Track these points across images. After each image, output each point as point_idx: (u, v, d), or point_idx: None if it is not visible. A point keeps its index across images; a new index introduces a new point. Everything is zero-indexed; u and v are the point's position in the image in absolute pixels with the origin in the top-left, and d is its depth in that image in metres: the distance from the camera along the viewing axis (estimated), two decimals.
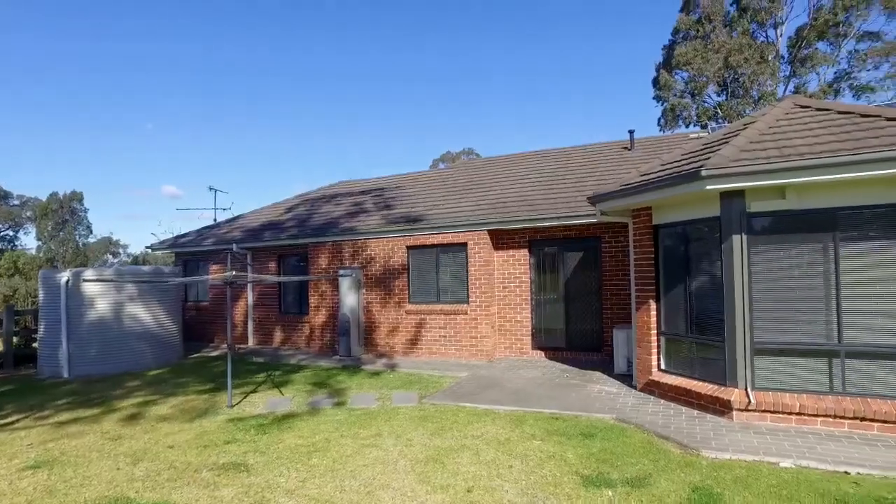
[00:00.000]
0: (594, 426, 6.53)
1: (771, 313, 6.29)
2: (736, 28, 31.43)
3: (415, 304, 11.85)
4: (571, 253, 10.88)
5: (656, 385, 7.52)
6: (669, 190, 6.59)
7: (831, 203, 5.96)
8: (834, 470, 5.02)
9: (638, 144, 13.23)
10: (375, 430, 6.76)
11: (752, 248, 6.29)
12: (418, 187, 14.68)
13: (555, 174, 12.71)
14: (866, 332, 5.90)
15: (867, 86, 29.16)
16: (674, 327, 7.45)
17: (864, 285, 5.92)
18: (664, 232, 7.55)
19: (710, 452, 5.50)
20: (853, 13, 28.45)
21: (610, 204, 7.80)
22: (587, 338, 10.72)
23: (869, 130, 5.89)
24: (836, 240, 5.97)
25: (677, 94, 32.67)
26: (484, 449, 5.92)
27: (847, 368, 5.98)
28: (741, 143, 6.38)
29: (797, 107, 7.26)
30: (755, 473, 5.01)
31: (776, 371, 6.31)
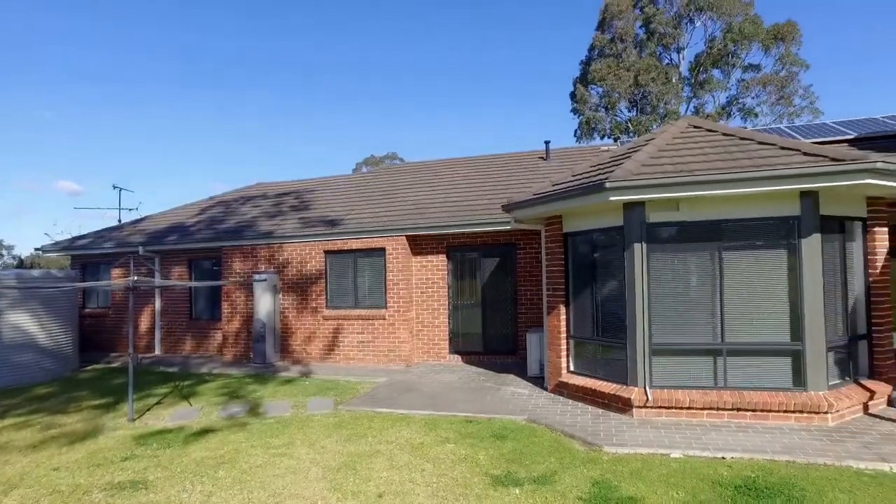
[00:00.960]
0: (506, 428, 6.75)
1: (667, 316, 6.80)
2: (645, 49, 33.65)
3: (332, 309, 11.69)
4: (488, 259, 11.18)
5: (565, 386, 7.88)
6: (577, 200, 6.97)
7: (717, 215, 6.55)
8: (714, 456, 5.52)
9: (553, 155, 13.83)
10: (288, 438, 6.61)
11: (651, 255, 6.79)
12: (338, 191, 14.51)
13: (473, 181, 13.01)
14: (743, 331, 6.54)
15: (752, 110, 32.21)
16: (582, 330, 7.85)
17: (742, 289, 6.55)
18: (573, 240, 7.95)
19: (612, 448, 5.85)
20: (739, 46, 31.38)
21: (523, 212, 8.12)
22: (503, 342, 11.04)
23: (745, 152, 6.54)
24: (720, 249, 6.58)
25: (592, 108, 34.43)
26: (398, 454, 5.96)
27: (728, 365, 6.59)
28: (642, 158, 6.86)
29: (691, 127, 7.91)
30: (649, 465, 5.39)
31: (671, 370, 6.82)
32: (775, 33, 31.25)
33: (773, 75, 31.79)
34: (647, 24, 33.70)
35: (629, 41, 33.71)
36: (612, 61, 33.04)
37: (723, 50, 31.77)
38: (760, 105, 32.27)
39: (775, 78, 31.64)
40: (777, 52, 31.72)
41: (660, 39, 33.42)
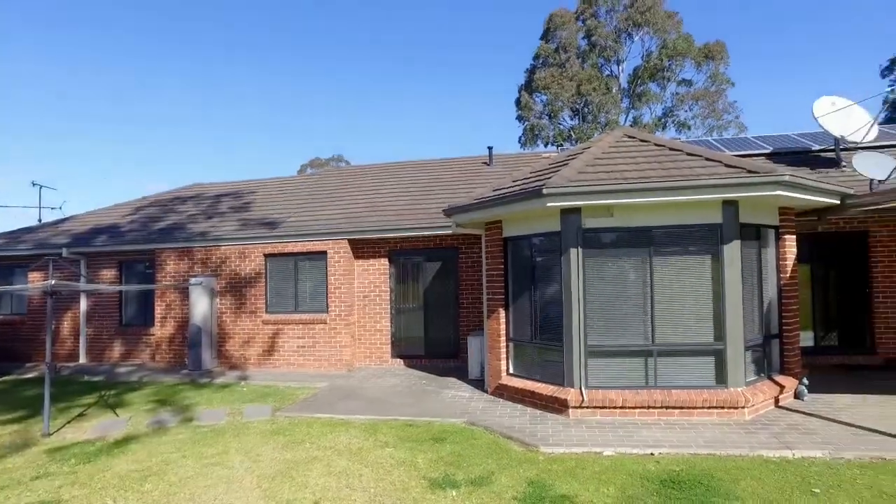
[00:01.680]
0: (446, 431, 6.79)
1: (602, 319, 7.05)
2: (587, 60, 34.81)
3: (272, 313, 11.41)
4: (431, 263, 11.23)
5: (505, 388, 8.02)
6: (517, 205, 7.13)
7: (648, 222, 6.87)
8: (643, 453, 5.77)
9: (497, 160, 14.07)
10: (222, 447, 6.40)
11: (587, 260, 7.02)
12: (280, 193, 14.19)
13: (417, 185, 13.05)
14: (672, 333, 6.88)
15: (685, 123, 33.96)
16: (521, 333, 8.02)
17: (671, 293, 6.89)
18: (513, 244, 8.12)
19: (548, 448, 6.00)
20: (673, 62, 33.05)
21: (464, 217, 8.23)
22: (445, 345, 11.11)
23: (674, 162, 6.90)
24: (651, 254, 6.90)
25: (537, 115, 35.26)
26: (336, 459, 5.89)
27: (658, 365, 6.90)
28: (578, 166, 7.10)
29: (626, 137, 8.25)
30: (582, 463, 5.57)
31: (606, 371, 7.06)
32: (706, 52, 33.08)
33: (704, 91, 33.62)
34: (589, 35, 34.89)
35: (572, 52, 34.79)
36: (555, 70, 33.97)
37: (658, 64, 33.32)
38: (693, 118, 34.06)
39: (706, 93, 33.48)
40: (708, 69, 33.59)
41: (601, 52, 34.68)
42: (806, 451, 5.63)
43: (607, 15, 34.98)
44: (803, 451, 5.63)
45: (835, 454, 5.55)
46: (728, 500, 4.64)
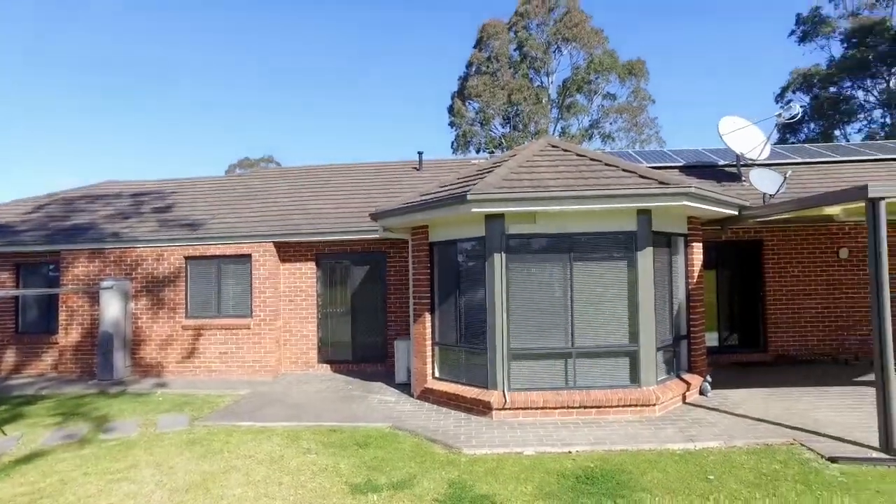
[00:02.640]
0: (370, 435, 6.76)
1: (525, 323, 7.27)
2: (518, 71, 35.75)
3: (193, 318, 10.91)
4: (359, 267, 11.15)
5: (431, 392, 8.09)
6: (442, 210, 7.24)
7: (569, 229, 7.17)
8: (562, 451, 6.00)
9: (427, 166, 14.17)
10: (131, 461, 6.05)
11: (510, 265, 7.23)
12: (204, 193, 13.59)
13: (346, 189, 12.91)
14: (589, 335, 7.20)
15: (610, 135, 35.63)
16: (447, 337, 8.12)
17: (589, 297, 7.22)
18: (439, 249, 8.22)
19: (470, 450, 6.11)
20: (599, 76, 34.64)
21: (391, 221, 8.24)
22: (373, 350, 11.04)
23: (593, 172, 7.25)
24: (571, 259, 7.20)
25: (469, 122, 35.79)
26: (255, 468, 5.72)
27: (577, 367, 7.21)
28: (503, 173, 7.30)
29: (549, 146, 8.56)
30: (503, 463, 5.72)
31: (528, 373, 7.29)
32: (629, 68, 34.88)
33: (627, 105, 35.40)
34: (520, 46, 35.88)
35: (504, 61, 35.62)
36: (488, 79, 34.66)
37: (586, 78, 34.76)
38: (617, 131, 35.77)
39: (629, 107, 35.27)
40: (630, 84, 35.41)
41: (532, 63, 35.74)
42: (706, 442, 6.07)
43: (538, 28, 36.15)
44: (703, 442, 6.06)
45: (729, 443, 6.03)
46: (635, 492, 4.92)
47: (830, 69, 32.60)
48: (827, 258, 10.66)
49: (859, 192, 5.63)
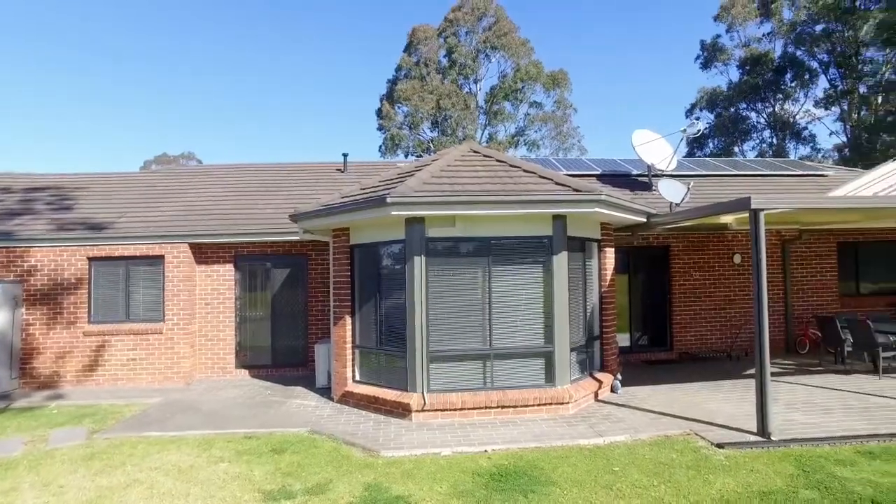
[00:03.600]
0: (287, 441, 6.61)
1: (444, 325, 7.37)
2: (447, 76, 36.16)
3: (97, 323, 10.19)
4: (279, 270, 10.87)
5: (351, 395, 8.02)
6: (362, 213, 7.22)
7: (487, 233, 7.36)
8: (478, 451, 6.13)
9: (352, 167, 14.04)
10: (10, 483, 5.53)
11: (430, 268, 7.31)
12: (113, 190, 12.72)
13: (268, 189, 12.55)
14: (507, 337, 7.42)
15: (535, 142, 36.86)
16: (367, 340, 8.09)
17: (507, 299, 7.44)
18: (360, 252, 8.19)
19: (389, 452, 6.12)
20: (526, 85, 35.75)
21: (311, 223, 8.12)
22: (293, 354, 10.80)
23: (512, 178, 7.49)
24: (489, 263, 7.39)
25: (398, 126, 35.79)
26: (161, 481, 5.44)
27: (495, 368, 7.40)
28: (424, 177, 7.38)
29: (472, 151, 8.75)
30: (420, 465, 5.77)
31: (447, 374, 7.39)
32: (553, 78, 36.21)
33: (551, 114, 36.73)
34: (450, 53, 36.33)
35: (433, 66, 35.94)
36: (417, 83, 34.82)
37: (513, 86, 35.73)
38: (542, 139, 37.02)
39: (553, 116, 36.61)
40: (555, 94, 36.78)
41: (461, 69, 36.27)
42: (614, 437, 6.41)
43: (467, 36, 36.77)
44: (611, 437, 6.41)
45: (634, 437, 6.41)
46: (546, 486, 5.13)
47: (730, 92, 35.43)
48: (723, 263, 11.58)
49: (743, 204, 6.19)
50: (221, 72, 79.53)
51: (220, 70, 79.59)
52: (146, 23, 76.71)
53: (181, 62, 79.96)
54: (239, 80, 79.56)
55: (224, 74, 79.88)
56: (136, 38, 77.86)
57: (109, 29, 76.41)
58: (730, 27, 35.66)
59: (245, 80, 79.43)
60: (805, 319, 11.65)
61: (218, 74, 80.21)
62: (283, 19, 72.41)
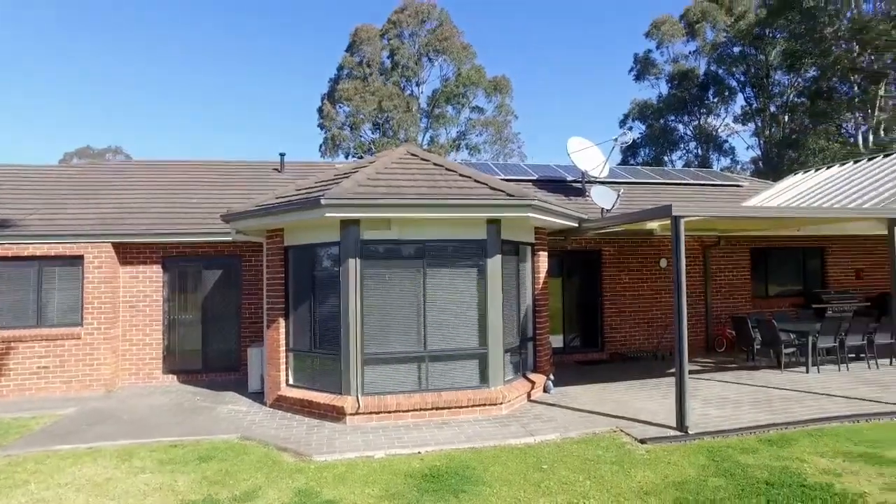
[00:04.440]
0: (215, 448, 6.39)
1: (379, 327, 7.36)
2: (390, 78, 36.06)
3: (1, 329, 9.44)
4: (211, 271, 10.48)
5: (284, 399, 7.85)
6: (296, 214, 7.11)
7: (423, 236, 7.41)
8: (412, 452, 6.16)
9: (289, 167, 13.73)
10: None
11: (365, 270, 7.28)
12: (23, 184, 11.83)
13: (200, 187, 12.08)
14: (442, 339, 7.50)
15: (476, 147, 37.36)
16: (301, 343, 7.95)
17: (442, 302, 7.51)
18: (294, 253, 8.04)
19: (321, 456, 6.04)
20: (467, 90, 36.20)
21: (244, 223, 7.91)
22: (225, 358, 10.44)
23: (448, 182, 7.58)
24: (424, 265, 7.44)
25: (339, 126, 35.32)
26: (71, 497, 5.13)
27: (430, 370, 7.45)
28: (360, 179, 7.35)
29: (409, 154, 8.78)
30: (353, 468, 5.73)
31: (382, 377, 7.38)
32: (495, 84, 36.85)
33: (493, 119, 37.35)
34: (392, 54, 36.26)
35: (376, 67, 35.75)
36: (359, 83, 34.52)
37: (455, 90, 36.07)
38: (483, 143, 37.57)
39: (494, 122, 37.24)
40: (496, 100, 37.43)
41: (403, 71, 36.27)
42: (544, 435, 6.60)
43: (410, 38, 36.82)
44: (542, 436, 6.59)
45: (564, 435, 6.63)
46: (477, 486, 5.22)
47: (660, 104, 37.34)
48: (651, 267, 12.17)
49: (665, 211, 6.56)
50: (155, 63, 75.78)
51: (154, 61, 75.81)
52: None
53: (108, 50, 75.57)
54: (174, 72, 76.08)
55: (157, 66, 76.15)
56: (65, 20, 72.91)
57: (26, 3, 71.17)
58: (659, 44, 37.55)
59: (180, 72, 76.04)
60: (722, 320, 12.42)
61: (151, 65, 76.38)
62: (221, 11, 69.87)
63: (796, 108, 31.06)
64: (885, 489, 4.95)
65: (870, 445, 6.05)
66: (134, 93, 78.29)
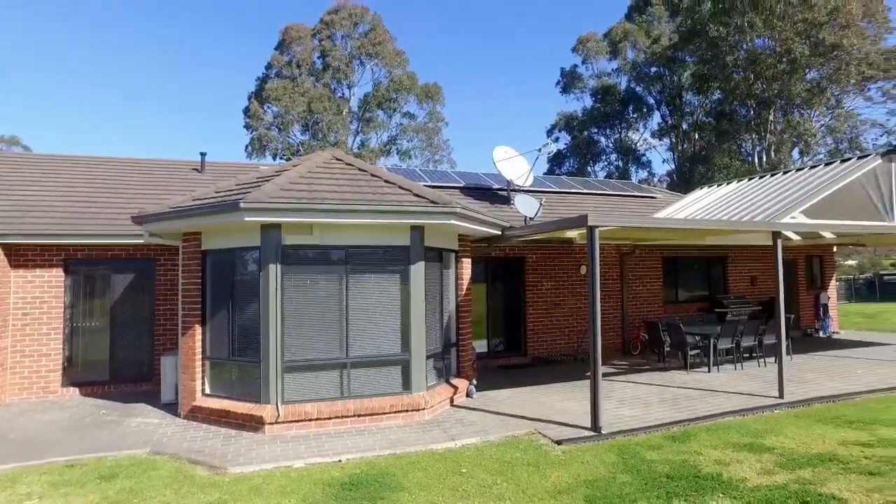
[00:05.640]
0: (120, 466, 6.01)
1: (300, 334, 7.21)
2: (321, 79, 35.45)
3: None
4: (122, 275, 9.86)
5: (200, 410, 7.52)
6: (214, 217, 6.85)
7: (345, 241, 7.35)
8: (332, 461, 6.08)
9: (211, 168, 13.18)
10: None
11: (286, 276, 7.12)
12: None
13: (111, 186, 11.35)
14: (364, 345, 7.46)
15: (407, 152, 37.46)
16: (219, 351, 7.65)
17: (364, 308, 7.47)
18: (212, 257, 7.74)
19: (237, 468, 5.84)
20: (399, 95, 36.27)
21: (158, 226, 7.52)
22: (137, 368, 9.85)
23: (372, 188, 7.57)
24: (347, 271, 7.38)
25: (266, 126, 34.28)
26: None
27: (352, 376, 7.39)
28: (282, 182, 7.19)
29: (334, 158, 8.69)
30: (270, 479, 5.58)
31: (303, 384, 7.23)
32: (427, 91, 37.11)
33: (424, 125, 37.58)
34: (324, 55, 35.69)
35: (306, 68, 35.05)
36: (288, 83, 33.71)
37: (386, 95, 36.01)
38: (414, 149, 37.72)
39: (425, 128, 37.48)
40: (427, 106, 37.69)
41: (334, 73, 35.78)
42: (465, 439, 6.71)
43: (343, 40, 36.42)
44: (463, 440, 6.70)
45: (484, 439, 6.76)
46: (396, 492, 5.23)
47: (584, 117, 39.09)
48: (572, 274, 12.68)
49: (582, 221, 6.88)
50: (66, 48, 70.31)
51: (66, 46, 70.31)
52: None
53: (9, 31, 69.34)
54: (88, 60, 70.88)
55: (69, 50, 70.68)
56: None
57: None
58: (585, 59, 39.34)
59: (96, 62, 70.97)
60: (637, 324, 13.14)
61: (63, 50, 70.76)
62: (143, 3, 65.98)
63: (704, 126, 33.51)
64: (761, 473, 5.50)
65: (754, 436, 6.65)
66: (35, 80, 72.24)
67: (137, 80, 72.03)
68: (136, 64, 71.02)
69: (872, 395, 8.60)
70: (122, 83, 72.41)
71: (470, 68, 66.74)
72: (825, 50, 25.67)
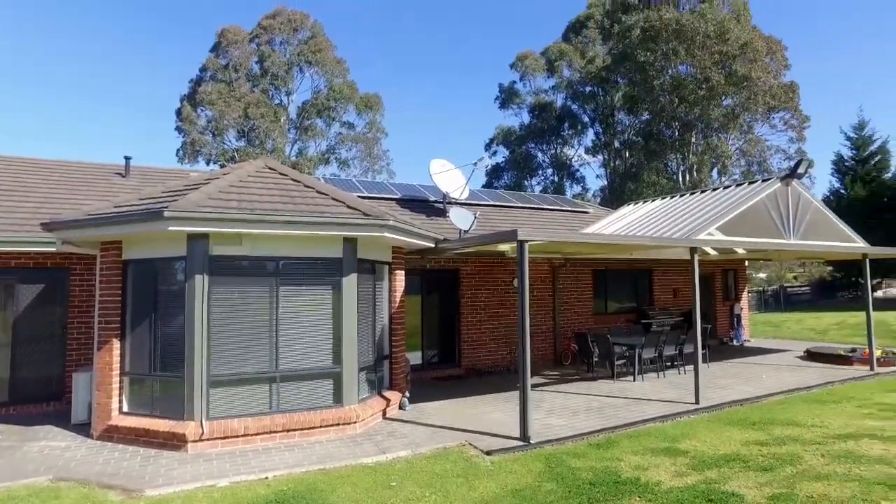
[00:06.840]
0: (15, 497, 5.51)
1: (227, 347, 6.98)
2: (258, 85, 34.60)
3: None
4: (29, 286, 9.15)
5: (116, 429, 7.10)
6: (136, 226, 6.54)
7: (276, 252, 7.21)
8: (259, 478, 5.90)
9: (136, 172, 12.54)
10: None
11: (213, 287, 6.89)
12: None
13: (19, 189, 10.54)
14: (294, 358, 7.31)
15: (346, 161, 37.16)
16: (139, 366, 7.27)
17: (295, 320, 7.34)
18: (134, 268, 7.37)
19: (155, 490, 5.56)
20: (339, 104, 36.00)
21: (72, 233, 7.07)
22: (44, 386, 9.13)
23: (305, 198, 7.49)
24: (277, 283, 7.23)
25: (199, 130, 33.04)
26: None
27: (281, 390, 7.22)
28: (211, 191, 6.98)
29: (266, 167, 8.51)
30: (190, 500, 5.35)
31: (229, 400, 6.98)
32: (367, 101, 37.01)
33: (363, 135, 37.41)
34: (261, 60, 34.91)
35: (243, 72, 34.14)
36: (223, 87, 32.71)
37: (326, 104, 35.62)
38: (353, 159, 37.46)
39: (365, 138, 37.32)
40: (367, 117, 37.56)
41: (272, 79, 35.05)
42: (396, 452, 6.69)
43: (281, 46, 35.79)
44: (394, 453, 6.67)
45: (415, 451, 6.77)
46: None
47: (522, 132, 40.21)
48: (505, 286, 12.96)
49: (512, 235, 7.08)
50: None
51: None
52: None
53: None
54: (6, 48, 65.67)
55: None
56: None
57: None
58: (523, 76, 40.53)
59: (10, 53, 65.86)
60: (569, 335, 13.57)
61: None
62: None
63: (634, 145, 35.34)
64: (674, 476, 5.83)
65: (670, 441, 7.04)
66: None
67: (62, 74, 67.52)
68: (60, 53, 66.59)
69: (774, 398, 9.35)
70: (44, 76, 67.64)
71: (411, 80, 67.24)
72: (738, 80, 27.93)
